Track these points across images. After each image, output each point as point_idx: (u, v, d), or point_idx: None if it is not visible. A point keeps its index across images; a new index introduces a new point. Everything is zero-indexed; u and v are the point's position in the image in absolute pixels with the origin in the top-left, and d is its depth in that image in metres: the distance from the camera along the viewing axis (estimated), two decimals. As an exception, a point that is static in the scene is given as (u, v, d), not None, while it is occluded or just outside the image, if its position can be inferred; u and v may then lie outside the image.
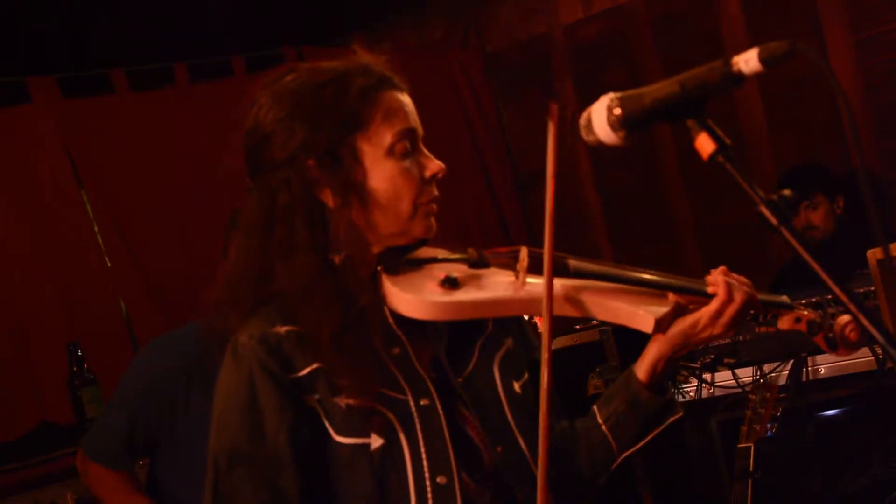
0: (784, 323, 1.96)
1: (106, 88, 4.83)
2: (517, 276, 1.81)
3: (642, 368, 1.85)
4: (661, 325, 1.80)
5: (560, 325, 1.73)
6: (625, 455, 1.90)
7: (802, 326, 1.92)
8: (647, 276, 1.86)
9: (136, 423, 2.99)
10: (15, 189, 4.50)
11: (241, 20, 5.26)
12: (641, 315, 1.79)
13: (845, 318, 1.90)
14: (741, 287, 1.81)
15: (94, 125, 4.71)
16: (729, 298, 1.79)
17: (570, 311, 1.80)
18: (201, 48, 5.12)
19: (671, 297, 1.83)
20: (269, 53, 5.15)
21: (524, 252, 1.82)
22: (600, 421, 1.88)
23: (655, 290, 1.84)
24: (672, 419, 1.89)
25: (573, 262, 1.82)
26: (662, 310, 1.80)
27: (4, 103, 4.56)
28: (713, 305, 1.79)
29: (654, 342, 1.84)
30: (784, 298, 1.97)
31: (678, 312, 1.81)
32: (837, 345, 1.92)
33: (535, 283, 1.80)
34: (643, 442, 1.89)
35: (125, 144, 4.76)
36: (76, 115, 4.68)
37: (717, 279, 1.81)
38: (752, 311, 1.85)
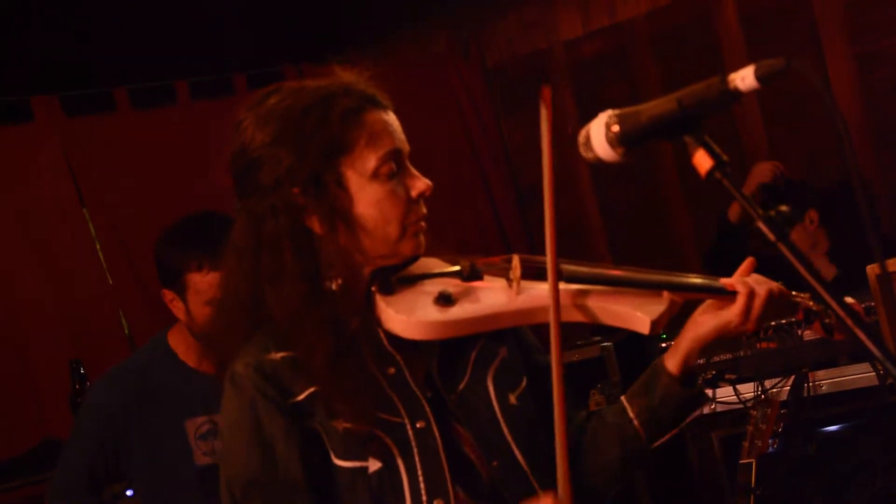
0: None
1: (108, 106, 4.85)
2: (511, 285, 1.81)
3: (674, 362, 1.84)
4: (657, 325, 1.79)
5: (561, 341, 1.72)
6: (655, 445, 1.89)
7: (798, 313, 1.92)
8: (652, 277, 1.85)
9: (95, 461, 2.95)
10: (17, 207, 4.51)
11: (242, 38, 5.28)
12: (638, 317, 1.79)
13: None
14: (766, 283, 1.81)
15: (96, 143, 4.73)
16: (751, 293, 1.79)
17: (566, 317, 1.79)
18: (203, 66, 5.14)
19: (666, 295, 1.82)
20: (270, 71, 5.16)
21: (517, 260, 1.81)
22: (632, 416, 1.86)
23: (650, 290, 1.84)
24: (701, 409, 1.90)
25: (567, 267, 1.81)
26: (658, 309, 1.80)
27: (7, 122, 4.58)
28: (740, 302, 1.79)
29: (686, 338, 1.83)
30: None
31: (673, 311, 1.82)
32: (834, 329, 1.91)
33: (530, 290, 1.80)
34: (674, 432, 1.89)
35: (127, 162, 4.78)
36: (79, 134, 4.69)
37: (737, 277, 1.81)
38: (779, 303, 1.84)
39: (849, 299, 1.65)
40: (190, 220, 2.95)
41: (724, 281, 1.82)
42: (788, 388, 3.68)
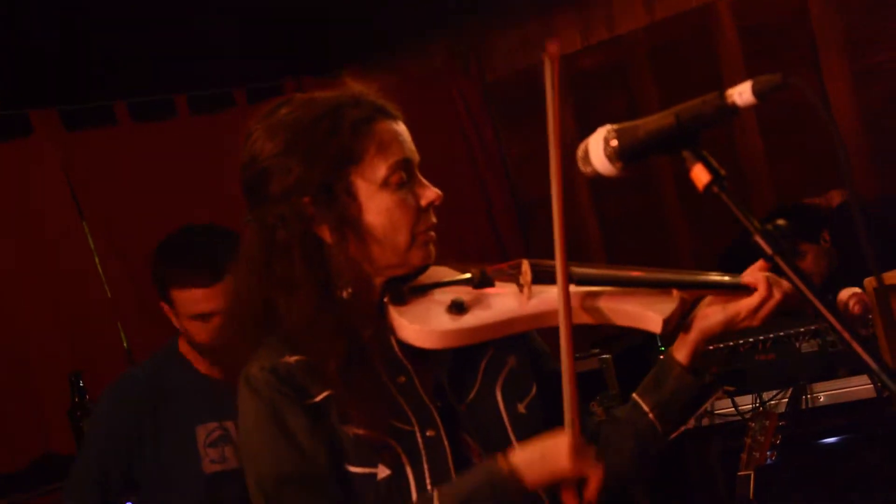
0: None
1: (108, 120, 4.86)
2: (522, 290, 1.82)
3: (683, 354, 1.85)
4: (669, 323, 1.80)
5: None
6: (671, 437, 1.91)
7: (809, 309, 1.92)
8: (662, 276, 1.86)
9: (108, 465, 2.95)
10: (16, 220, 4.52)
11: (242, 52, 5.29)
12: (650, 316, 1.79)
13: (847, 292, 1.89)
14: (780, 283, 1.81)
15: (95, 157, 4.74)
16: (769, 294, 1.79)
17: (577, 319, 1.80)
18: (202, 80, 5.15)
19: (675, 293, 1.83)
20: (270, 85, 5.18)
21: (526, 265, 1.82)
22: (646, 409, 1.88)
23: (660, 289, 1.85)
24: (713, 397, 1.91)
25: (576, 269, 1.82)
26: (670, 307, 1.80)
27: (7, 136, 4.58)
28: (754, 300, 1.79)
29: (694, 330, 1.84)
30: None
31: (684, 308, 1.82)
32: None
33: (541, 294, 1.81)
34: (689, 422, 1.92)
35: (126, 175, 4.79)
36: (78, 147, 4.70)
37: (756, 275, 1.81)
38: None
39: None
40: (178, 235, 2.97)
41: (744, 279, 1.81)
42: (787, 400, 3.69)
